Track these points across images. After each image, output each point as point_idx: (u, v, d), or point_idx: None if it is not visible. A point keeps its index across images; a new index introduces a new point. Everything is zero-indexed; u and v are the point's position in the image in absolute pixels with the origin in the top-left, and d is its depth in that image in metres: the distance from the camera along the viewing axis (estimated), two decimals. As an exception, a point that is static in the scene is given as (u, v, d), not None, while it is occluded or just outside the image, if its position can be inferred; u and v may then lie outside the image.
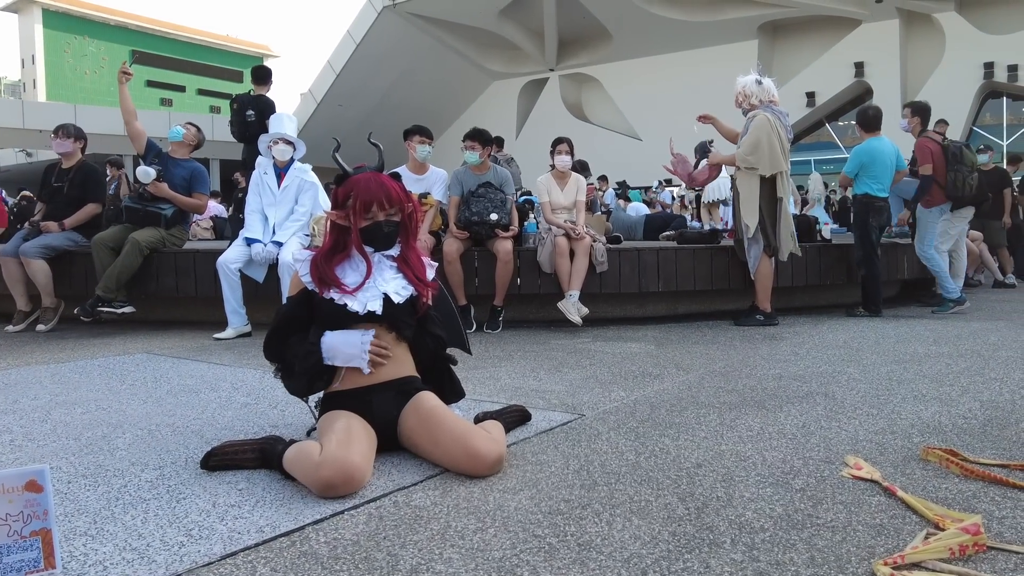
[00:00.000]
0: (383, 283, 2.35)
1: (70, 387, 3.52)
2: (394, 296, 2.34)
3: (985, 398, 3.10)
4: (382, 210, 2.32)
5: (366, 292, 2.32)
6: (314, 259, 2.35)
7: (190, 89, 42.91)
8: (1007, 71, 20.09)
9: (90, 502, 1.98)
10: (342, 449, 2.04)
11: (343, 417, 2.22)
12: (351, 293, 2.30)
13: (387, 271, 2.39)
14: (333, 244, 2.37)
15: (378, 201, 2.30)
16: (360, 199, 2.29)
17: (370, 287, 2.33)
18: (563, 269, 5.25)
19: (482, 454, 2.13)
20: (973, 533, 1.64)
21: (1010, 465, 2.21)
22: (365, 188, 2.30)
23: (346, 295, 2.29)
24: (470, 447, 2.14)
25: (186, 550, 1.68)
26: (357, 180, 2.33)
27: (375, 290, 2.33)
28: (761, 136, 5.34)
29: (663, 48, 24.70)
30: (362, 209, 2.30)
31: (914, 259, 7.14)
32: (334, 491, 1.97)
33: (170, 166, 5.55)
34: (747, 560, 1.61)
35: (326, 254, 2.36)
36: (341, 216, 2.35)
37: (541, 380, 3.58)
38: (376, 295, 2.32)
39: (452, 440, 2.18)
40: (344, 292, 2.30)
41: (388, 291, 2.34)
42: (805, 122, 23.44)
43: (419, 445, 2.28)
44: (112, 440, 2.59)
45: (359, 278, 2.34)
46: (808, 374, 3.65)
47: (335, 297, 2.30)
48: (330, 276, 2.31)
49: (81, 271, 5.61)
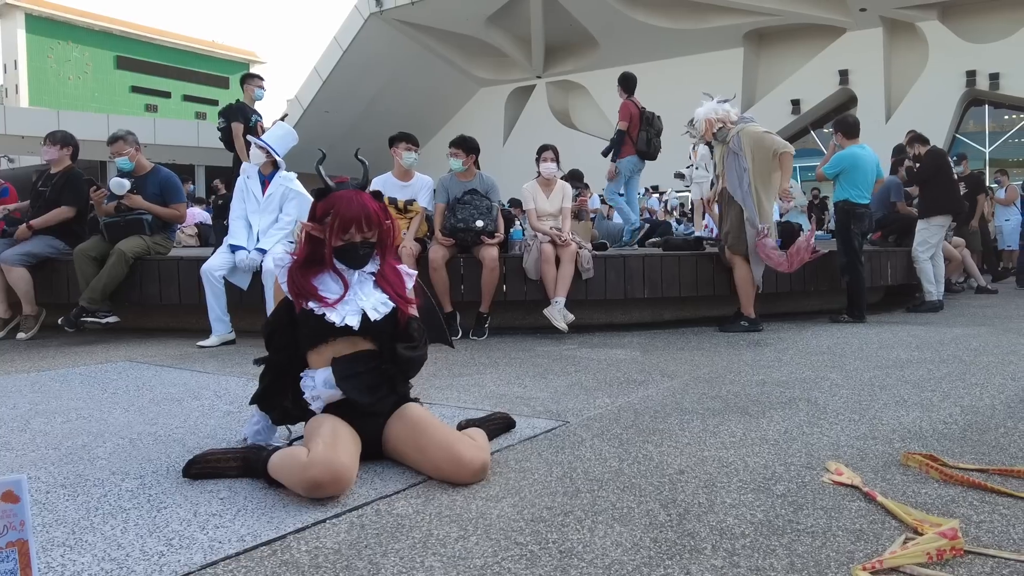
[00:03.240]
0: (362, 298, 2.33)
1: (50, 396, 3.49)
2: (371, 313, 2.30)
3: (966, 403, 3.13)
4: (360, 232, 2.29)
5: (345, 305, 2.29)
6: (290, 270, 2.34)
7: (175, 95, 42.68)
8: (989, 79, 20.33)
9: (69, 512, 1.97)
10: (330, 450, 2.04)
11: (329, 421, 2.22)
12: (331, 305, 2.28)
13: (366, 286, 2.37)
14: (309, 255, 2.34)
15: (357, 222, 2.27)
16: (339, 218, 2.26)
17: (350, 300, 2.31)
18: (549, 276, 5.26)
19: (466, 461, 2.13)
20: (951, 538, 1.66)
21: (988, 470, 2.23)
22: (346, 207, 2.26)
23: (325, 306, 2.27)
24: (454, 454, 2.14)
25: (166, 560, 1.67)
26: (339, 198, 2.29)
27: (354, 304, 2.30)
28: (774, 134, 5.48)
29: (650, 56, 24.82)
30: (340, 229, 2.27)
31: (898, 265, 7.22)
32: (322, 491, 1.97)
33: (139, 182, 5.49)
34: (727, 566, 1.61)
35: (302, 265, 2.33)
36: (317, 229, 2.33)
37: (526, 387, 3.59)
38: (355, 310, 2.29)
39: (437, 447, 2.17)
40: (324, 303, 2.28)
41: (366, 307, 2.31)
42: (790, 129, 23.61)
43: (404, 453, 2.27)
44: (92, 449, 2.57)
45: (338, 289, 2.32)
46: (791, 380, 3.67)
47: (314, 307, 2.28)
48: (308, 288, 2.29)
49: (63, 279, 5.56)
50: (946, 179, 7.04)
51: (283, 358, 2.36)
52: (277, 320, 2.37)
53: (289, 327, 2.34)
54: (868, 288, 6.46)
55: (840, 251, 6.25)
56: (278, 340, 2.35)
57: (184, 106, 42.13)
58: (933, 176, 7.04)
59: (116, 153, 5.48)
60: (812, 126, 24.00)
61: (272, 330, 2.37)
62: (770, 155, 5.41)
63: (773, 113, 21.41)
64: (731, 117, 5.57)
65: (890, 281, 7.18)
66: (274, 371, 2.36)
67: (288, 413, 2.38)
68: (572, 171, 9.46)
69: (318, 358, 2.32)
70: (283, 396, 2.35)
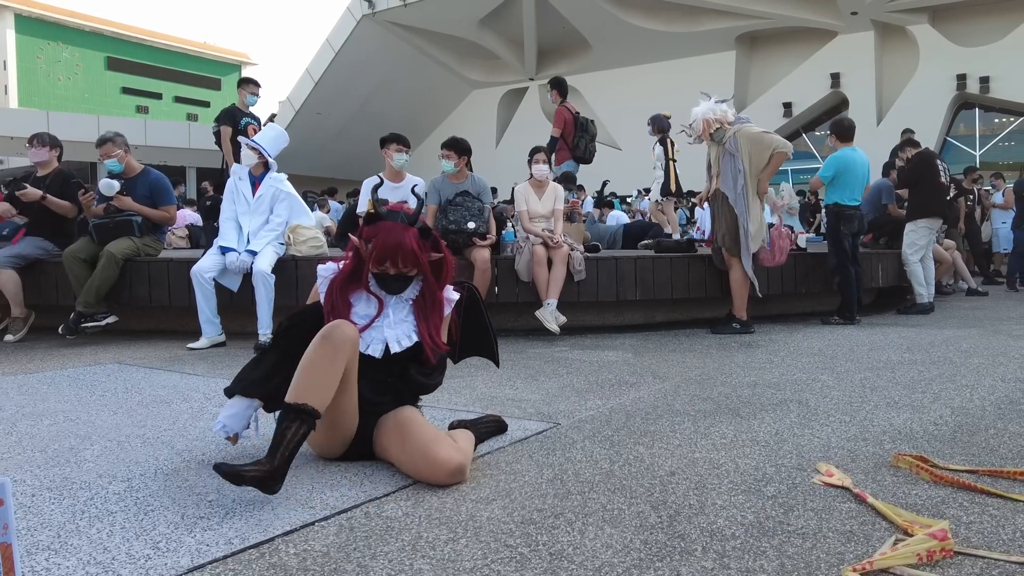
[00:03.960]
0: (389, 326, 2.36)
1: (37, 398, 3.46)
2: (394, 345, 2.34)
3: (956, 405, 3.14)
4: (394, 267, 2.33)
5: (371, 332, 2.34)
6: (332, 284, 2.38)
7: (167, 96, 42.48)
8: (979, 83, 20.43)
9: (54, 515, 1.95)
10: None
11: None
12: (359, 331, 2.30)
13: (401, 311, 2.40)
14: (352, 270, 2.40)
15: (392, 258, 2.31)
16: (377, 249, 2.32)
17: (376, 327, 2.35)
18: (541, 278, 5.26)
19: (441, 461, 2.13)
20: (940, 539, 1.66)
21: (978, 471, 2.24)
22: (383, 242, 2.31)
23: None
24: (430, 454, 2.15)
25: (152, 563, 1.65)
26: (383, 228, 2.34)
27: (380, 332, 2.35)
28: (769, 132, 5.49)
29: (642, 58, 24.85)
30: (376, 259, 2.33)
31: (889, 267, 7.25)
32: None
33: (128, 184, 5.46)
34: (718, 567, 1.61)
35: (344, 281, 2.39)
36: (361, 246, 2.38)
37: (517, 389, 3.58)
38: (379, 339, 2.34)
39: (416, 447, 2.19)
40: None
41: (389, 338, 2.34)
42: (782, 132, 23.65)
43: (389, 450, 2.28)
44: (80, 452, 2.55)
45: (370, 313, 2.37)
46: (783, 382, 3.68)
47: None
48: (342, 308, 2.34)
49: (52, 281, 5.52)
50: (933, 181, 7.07)
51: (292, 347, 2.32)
52: (306, 317, 2.38)
53: (314, 325, 2.32)
54: (866, 289, 6.49)
55: (830, 252, 6.28)
56: (296, 333, 2.34)
57: (175, 107, 41.94)
58: (920, 178, 7.08)
59: (105, 155, 5.43)
60: (804, 129, 24.05)
61: (298, 322, 2.37)
62: (768, 154, 5.42)
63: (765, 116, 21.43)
64: (728, 118, 5.57)
65: (881, 283, 7.20)
66: (280, 356, 2.35)
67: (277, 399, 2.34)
68: (565, 173, 9.47)
69: None
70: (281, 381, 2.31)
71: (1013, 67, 19.57)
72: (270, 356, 2.37)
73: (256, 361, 2.40)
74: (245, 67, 45.47)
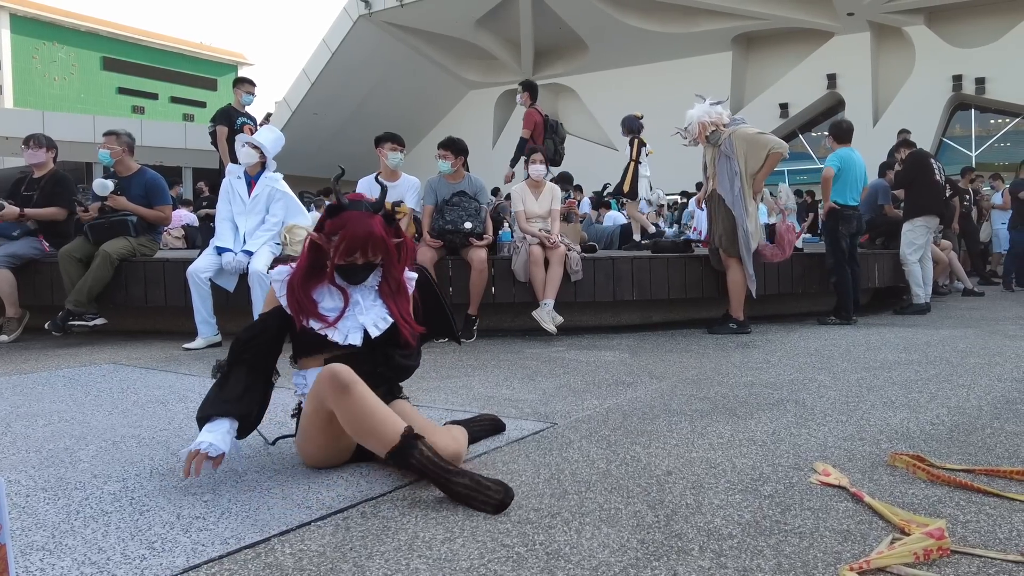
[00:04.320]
0: (362, 312, 2.33)
1: (32, 398, 3.44)
2: (372, 329, 2.31)
3: (952, 404, 3.14)
4: (364, 256, 2.30)
5: (346, 322, 2.30)
6: (291, 282, 2.30)
7: (163, 97, 42.43)
8: (975, 84, 20.49)
9: (49, 516, 1.94)
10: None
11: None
12: (332, 324, 2.28)
13: (367, 297, 2.37)
14: (310, 265, 2.33)
15: (363, 248, 2.28)
16: (346, 241, 2.26)
17: (349, 316, 2.31)
18: (538, 278, 5.25)
19: (439, 448, 2.11)
20: (937, 538, 1.66)
21: (975, 470, 2.24)
22: (354, 231, 2.26)
23: (327, 327, 2.28)
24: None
25: (147, 563, 1.64)
26: (350, 219, 2.28)
27: (354, 320, 2.31)
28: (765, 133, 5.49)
29: (639, 59, 24.88)
30: (345, 251, 2.27)
31: (885, 267, 7.26)
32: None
33: (124, 184, 5.46)
34: (715, 567, 1.60)
35: (303, 277, 2.31)
36: (323, 241, 2.32)
37: (514, 389, 3.57)
38: (356, 326, 2.30)
39: None
40: (325, 323, 2.28)
41: (366, 323, 2.31)
42: (778, 133, 23.68)
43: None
44: (75, 452, 2.54)
45: (337, 305, 2.33)
46: (779, 381, 3.68)
47: (315, 327, 2.28)
48: (308, 306, 2.28)
49: (46, 281, 5.51)
50: (928, 181, 7.09)
51: (259, 361, 2.29)
52: (265, 327, 2.31)
53: (276, 334, 2.31)
54: (863, 289, 6.51)
55: (827, 252, 6.30)
56: (260, 344, 2.27)
57: (171, 108, 41.89)
58: (915, 178, 7.11)
59: (104, 146, 5.48)
60: (800, 130, 24.09)
61: (259, 332, 2.29)
62: (763, 154, 5.42)
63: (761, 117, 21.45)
64: (723, 120, 5.58)
65: (877, 283, 7.22)
66: (248, 371, 2.25)
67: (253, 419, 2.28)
68: (562, 174, 9.48)
69: (310, 361, 2.34)
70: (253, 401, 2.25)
71: (1009, 68, 19.63)
72: (238, 373, 2.24)
73: (223, 380, 2.25)
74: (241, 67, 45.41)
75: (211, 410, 2.17)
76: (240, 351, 2.26)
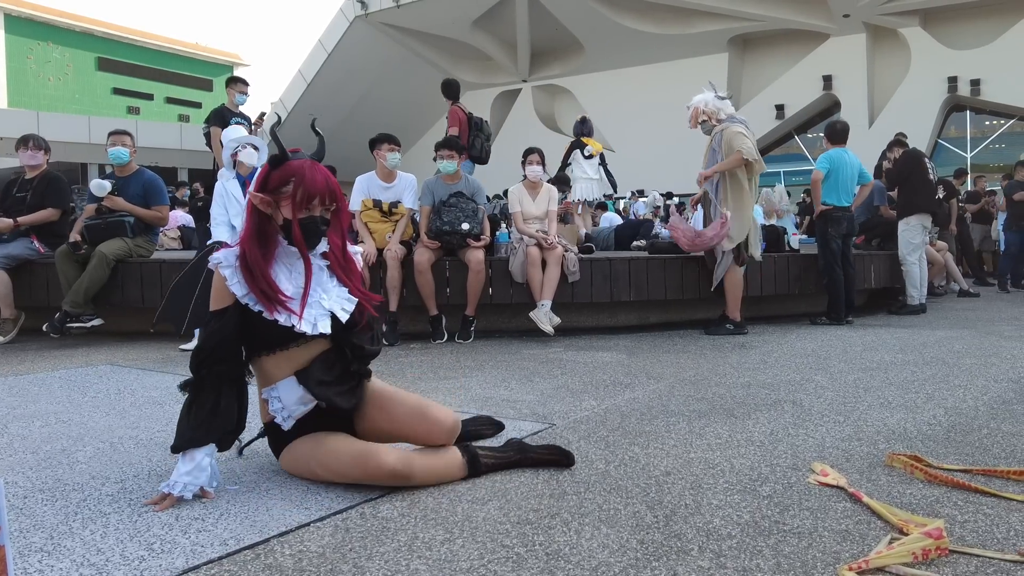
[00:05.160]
0: (324, 295, 2.17)
1: (29, 400, 3.43)
2: (340, 313, 2.16)
3: (949, 405, 3.15)
4: (322, 204, 2.11)
5: (311, 308, 2.13)
6: (245, 263, 2.07)
7: (158, 97, 42.28)
8: (970, 85, 20.56)
9: (47, 517, 1.93)
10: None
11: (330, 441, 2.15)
12: (298, 313, 2.09)
13: (324, 278, 2.20)
14: (257, 234, 2.10)
15: (321, 195, 2.08)
16: (304, 189, 2.06)
17: (314, 301, 2.14)
18: (535, 279, 5.25)
19: (439, 419, 2.20)
20: (936, 537, 1.66)
21: (972, 470, 2.24)
22: (311, 179, 2.07)
23: (293, 315, 2.09)
24: (429, 416, 2.20)
25: (146, 564, 1.64)
26: (300, 167, 2.09)
27: (320, 306, 2.15)
28: (748, 138, 5.41)
29: (635, 60, 24.91)
30: (303, 199, 2.06)
31: (881, 268, 7.27)
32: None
33: (121, 184, 5.45)
34: (714, 567, 1.61)
35: (255, 252, 2.07)
36: (267, 203, 2.10)
37: (512, 390, 3.57)
38: (323, 312, 2.14)
39: (408, 414, 2.21)
40: (290, 311, 2.09)
41: (334, 308, 2.16)
42: (775, 134, 23.76)
43: (378, 427, 2.23)
44: (72, 453, 2.53)
45: (295, 286, 2.13)
46: (777, 382, 3.68)
47: (280, 319, 2.08)
48: (274, 292, 2.07)
49: (42, 282, 5.49)
50: (921, 179, 7.11)
51: (227, 369, 2.09)
52: (224, 331, 2.08)
53: (237, 335, 2.11)
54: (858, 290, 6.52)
55: (819, 254, 6.32)
56: (224, 353, 2.08)
57: (167, 108, 41.76)
58: (909, 177, 7.13)
59: (119, 143, 5.46)
60: (796, 131, 24.15)
61: (217, 344, 2.07)
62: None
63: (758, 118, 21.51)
64: (719, 115, 5.59)
65: (873, 284, 7.23)
66: (225, 385, 2.08)
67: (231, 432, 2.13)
68: (559, 175, 9.50)
69: (273, 365, 2.17)
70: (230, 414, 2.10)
71: (1004, 70, 19.70)
72: (206, 391, 2.06)
73: (191, 402, 2.07)
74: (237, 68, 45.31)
75: (182, 443, 2.03)
76: (201, 365, 2.06)
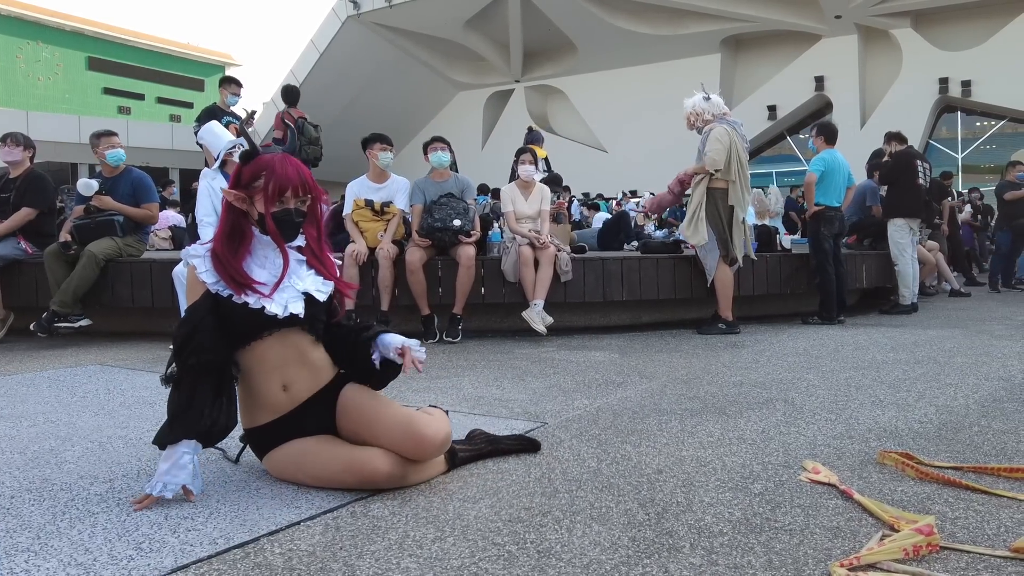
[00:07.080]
0: (299, 280, 2.15)
1: (17, 400, 3.41)
2: (316, 294, 2.15)
3: (940, 403, 3.16)
4: (295, 197, 2.10)
5: (283, 292, 2.10)
6: (215, 255, 2.07)
7: (149, 97, 42.07)
8: (961, 86, 20.67)
9: (34, 517, 1.92)
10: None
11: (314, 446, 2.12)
12: (268, 296, 2.07)
13: (299, 267, 2.18)
14: (231, 231, 2.10)
15: (294, 187, 2.08)
16: (275, 182, 2.05)
17: (287, 286, 2.12)
18: (527, 278, 5.25)
19: (427, 437, 2.06)
20: (927, 534, 1.66)
21: (963, 467, 2.25)
22: (281, 171, 2.07)
23: (263, 298, 2.07)
24: (415, 434, 2.06)
25: (135, 564, 1.63)
26: (270, 161, 2.09)
27: (293, 289, 2.12)
28: (722, 145, 5.41)
29: (628, 61, 24.95)
30: (275, 192, 2.06)
31: (873, 268, 7.30)
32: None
33: (110, 183, 5.42)
34: (705, 564, 1.60)
35: (227, 248, 2.08)
36: (241, 199, 2.10)
37: (504, 389, 3.57)
38: (296, 295, 2.12)
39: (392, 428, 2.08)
40: (260, 294, 2.07)
41: (309, 289, 2.14)
42: (767, 135, 23.85)
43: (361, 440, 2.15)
44: (60, 453, 2.51)
45: (270, 274, 2.12)
46: (769, 381, 3.69)
47: (250, 301, 2.06)
48: (243, 277, 2.07)
49: (30, 281, 5.46)
50: (910, 182, 7.13)
51: (212, 358, 2.02)
52: (199, 318, 2.04)
53: (216, 323, 2.05)
54: (849, 290, 6.54)
55: (811, 253, 6.34)
56: (203, 340, 2.01)
57: (158, 108, 41.57)
58: (898, 179, 7.15)
59: (110, 146, 5.43)
60: (788, 132, 24.23)
61: (191, 331, 2.02)
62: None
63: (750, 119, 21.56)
64: (705, 116, 5.62)
65: (864, 284, 7.25)
66: (203, 378, 2.02)
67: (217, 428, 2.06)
68: (551, 175, 9.48)
69: (255, 361, 2.13)
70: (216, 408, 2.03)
71: (995, 71, 19.81)
72: (187, 384, 2.01)
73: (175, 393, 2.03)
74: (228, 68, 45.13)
75: (159, 437, 2.01)
76: (180, 357, 2.02)
